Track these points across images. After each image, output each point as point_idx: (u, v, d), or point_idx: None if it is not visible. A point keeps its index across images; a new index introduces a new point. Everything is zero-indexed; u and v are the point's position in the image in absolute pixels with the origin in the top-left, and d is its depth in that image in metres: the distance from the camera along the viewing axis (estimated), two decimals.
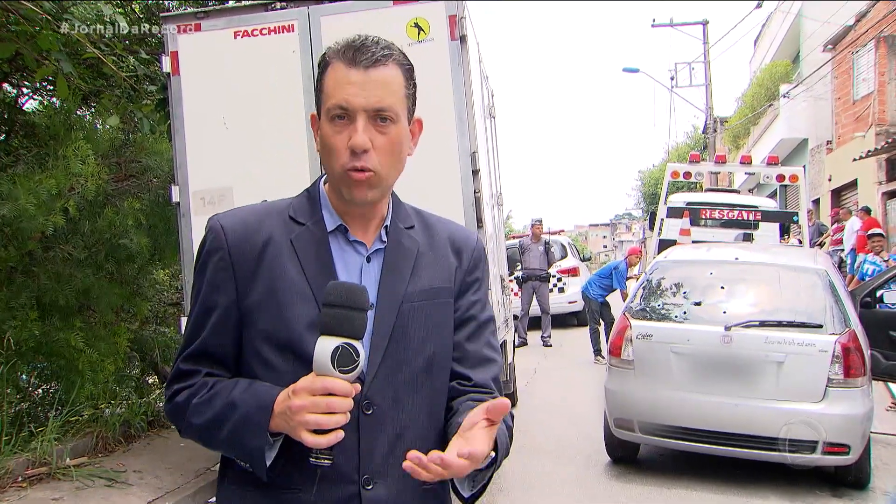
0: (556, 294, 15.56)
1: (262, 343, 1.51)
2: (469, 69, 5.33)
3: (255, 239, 1.54)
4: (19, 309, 5.98)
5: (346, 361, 1.35)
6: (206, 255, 1.56)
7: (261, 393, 1.46)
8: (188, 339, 1.57)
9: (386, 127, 1.49)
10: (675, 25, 27.05)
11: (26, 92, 7.87)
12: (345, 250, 1.57)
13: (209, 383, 1.52)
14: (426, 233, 1.67)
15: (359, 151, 1.46)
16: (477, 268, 1.71)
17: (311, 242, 1.55)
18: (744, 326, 5.79)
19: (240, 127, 5.42)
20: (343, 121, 1.48)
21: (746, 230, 10.77)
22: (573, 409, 8.64)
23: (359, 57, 1.48)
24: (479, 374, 1.65)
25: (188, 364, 1.55)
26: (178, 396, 1.54)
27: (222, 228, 1.55)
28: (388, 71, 1.50)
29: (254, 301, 1.51)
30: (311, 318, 1.48)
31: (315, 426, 1.35)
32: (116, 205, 6.75)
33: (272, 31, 5.40)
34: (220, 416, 1.47)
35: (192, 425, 1.52)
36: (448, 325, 1.63)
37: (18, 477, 5.31)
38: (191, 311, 1.59)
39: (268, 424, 1.42)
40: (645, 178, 50.99)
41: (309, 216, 1.58)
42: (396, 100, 1.50)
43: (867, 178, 18.13)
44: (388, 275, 1.57)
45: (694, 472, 6.20)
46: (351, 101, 1.47)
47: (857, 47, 18.91)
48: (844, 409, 5.45)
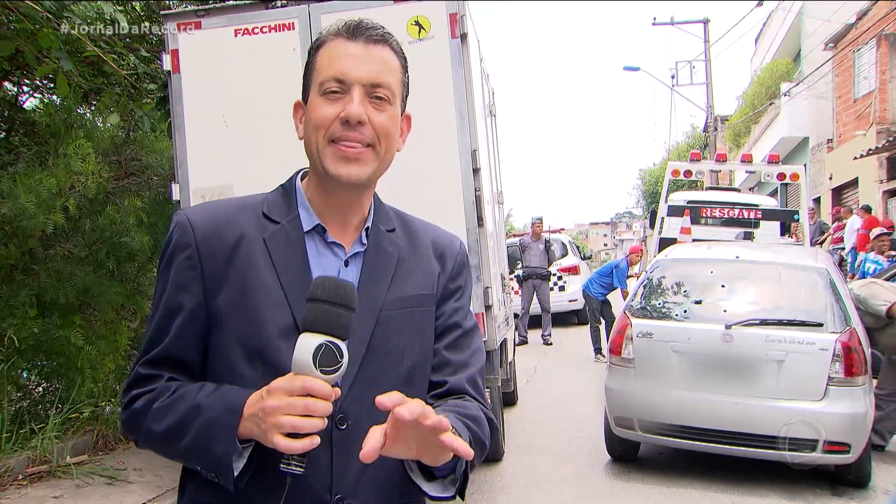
0: (557, 292, 15.57)
1: (229, 349, 1.40)
2: (470, 67, 5.33)
3: (226, 236, 1.42)
4: (19, 307, 5.98)
5: (329, 361, 1.23)
6: (172, 252, 1.43)
7: (229, 395, 1.34)
8: (150, 342, 1.43)
9: (382, 105, 1.40)
10: (676, 24, 27.02)
11: (26, 90, 7.87)
12: (321, 252, 1.46)
13: (171, 387, 1.39)
14: (408, 237, 1.56)
15: (353, 122, 1.36)
16: (460, 274, 1.61)
17: (285, 243, 1.44)
18: (744, 325, 5.79)
19: (240, 125, 5.42)
20: (336, 94, 1.38)
21: (747, 228, 10.76)
22: (573, 408, 8.63)
23: (359, 31, 1.41)
24: (456, 379, 1.54)
25: (148, 368, 1.42)
26: (137, 403, 1.40)
27: (190, 223, 1.43)
28: (387, 52, 1.43)
29: (222, 303, 1.40)
30: (283, 324, 1.38)
31: (290, 429, 1.23)
32: (117, 203, 6.76)
33: (273, 29, 5.40)
34: (184, 420, 1.34)
35: (152, 432, 1.38)
36: (429, 334, 1.53)
37: (19, 475, 5.32)
38: (153, 311, 1.47)
39: (236, 428, 1.30)
40: (645, 176, 50.91)
41: (284, 214, 1.47)
42: (394, 80, 1.43)
43: (868, 176, 18.13)
44: (367, 280, 1.46)
45: (694, 471, 6.20)
46: (348, 72, 1.38)
47: (859, 45, 18.90)
48: (845, 408, 5.44)
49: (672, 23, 26.99)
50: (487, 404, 1.59)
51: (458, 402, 1.51)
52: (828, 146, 21.71)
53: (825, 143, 21.93)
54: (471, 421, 1.44)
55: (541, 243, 14.05)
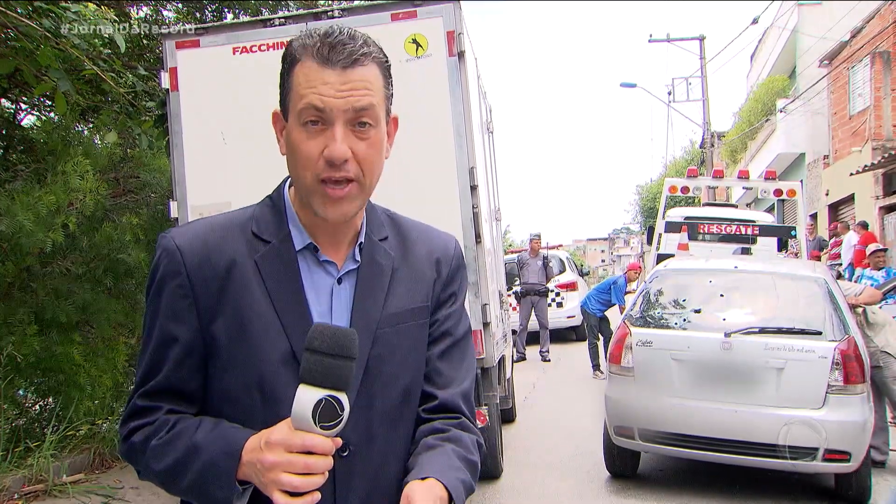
0: (555, 309, 15.58)
1: (226, 378, 1.37)
2: (467, 85, 5.35)
3: (217, 261, 1.37)
4: (17, 324, 5.97)
5: (330, 416, 1.19)
6: (162, 279, 1.37)
7: (228, 436, 1.31)
8: (146, 373, 1.38)
9: (366, 132, 1.32)
10: (672, 41, 27.23)
11: (24, 107, 7.90)
12: (314, 271, 1.41)
13: (170, 422, 1.35)
14: (401, 244, 1.51)
15: (338, 163, 1.30)
16: (455, 279, 1.56)
17: (278, 265, 1.39)
18: (744, 333, 5.79)
19: (238, 142, 5.43)
20: (317, 126, 1.30)
21: (744, 244, 10.77)
22: (572, 425, 8.61)
23: (335, 55, 1.29)
24: (448, 394, 1.51)
25: (146, 401, 1.38)
26: (135, 436, 1.37)
27: (178, 249, 1.37)
28: (367, 71, 1.32)
29: (218, 332, 1.36)
30: (281, 352, 1.35)
31: (290, 488, 1.20)
32: (115, 220, 6.77)
33: (270, 47, 5.42)
34: (183, 460, 1.31)
35: (151, 470, 1.35)
36: (423, 349, 1.50)
37: (15, 494, 5.28)
38: (145, 340, 1.41)
39: (235, 473, 1.27)
40: (643, 192, 51.08)
41: (275, 232, 1.41)
42: (377, 101, 1.33)
43: (864, 192, 18.18)
44: (361, 299, 1.42)
45: (693, 488, 6.17)
46: (328, 102, 1.29)
47: (853, 63, 19.02)
48: (845, 416, 5.43)
49: (668, 40, 27.20)
50: (475, 419, 1.57)
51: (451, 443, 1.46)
52: (824, 162, 21.79)
53: (821, 160, 22.00)
54: (465, 464, 1.43)
55: (539, 260, 14.07)
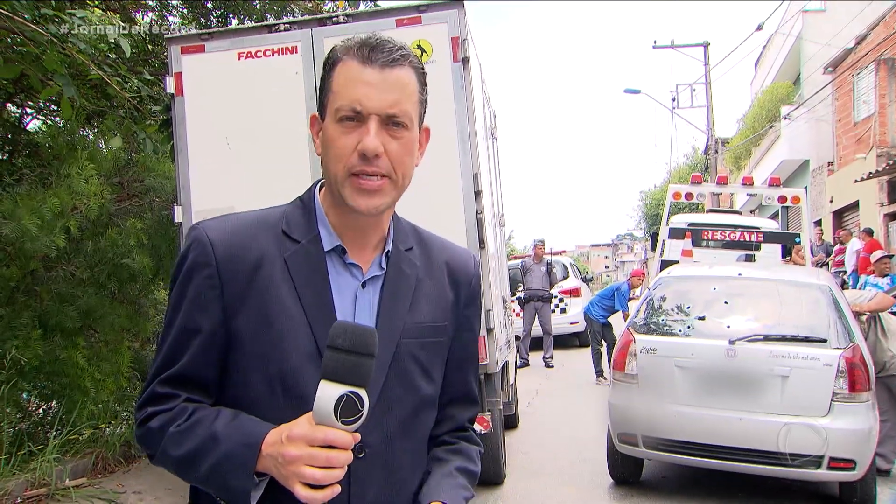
0: (558, 315, 15.56)
1: (248, 372, 1.39)
2: (471, 91, 5.36)
3: (247, 256, 1.40)
4: (21, 328, 5.98)
5: (351, 412, 1.23)
6: (191, 269, 1.40)
7: (247, 428, 1.33)
8: (166, 360, 1.41)
9: (399, 132, 1.37)
10: (676, 47, 27.17)
11: (30, 112, 7.92)
12: (340, 273, 1.44)
13: (188, 410, 1.37)
14: (424, 255, 1.56)
15: (370, 156, 1.34)
16: (472, 302, 1.62)
17: (306, 264, 1.42)
18: (748, 340, 5.76)
19: (243, 147, 5.44)
20: (352, 122, 1.36)
21: (748, 251, 10.76)
22: (575, 431, 8.59)
23: (375, 55, 1.36)
24: (457, 411, 1.61)
25: (165, 387, 1.40)
26: (153, 421, 1.38)
27: (210, 242, 1.40)
28: (404, 73, 1.39)
29: (242, 326, 1.39)
30: (305, 349, 1.38)
31: (311, 481, 1.23)
32: (119, 224, 6.77)
33: (275, 52, 5.43)
34: (201, 449, 1.33)
35: (168, 456, 1.37)
36: (441, 365, 1.56)
37: (17, 498, 5.27)
38: (167, 327, 1.43)
39: (254, 465, 1.30)
40: (646, 198, 51.05)
41: (305, 232, 1.45)
42: (411, 105, 1.39)
43: (869, 199, 18.16)
44: (387, 305, 1.46)
45: (697, 496, 6.15)
46: (365, 102, 1.34)
47: (858, 70, 19.01)
48: (850, 424, 5.40)
49: (672, 46, 27.14)
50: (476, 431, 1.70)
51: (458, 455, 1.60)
52: (828, 169, 21.76)
53: (826, 166, 21.98)
54: (467, 478, 1.55)
55: (543, 265, 14.05)
